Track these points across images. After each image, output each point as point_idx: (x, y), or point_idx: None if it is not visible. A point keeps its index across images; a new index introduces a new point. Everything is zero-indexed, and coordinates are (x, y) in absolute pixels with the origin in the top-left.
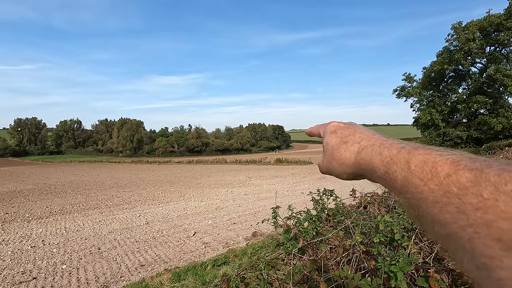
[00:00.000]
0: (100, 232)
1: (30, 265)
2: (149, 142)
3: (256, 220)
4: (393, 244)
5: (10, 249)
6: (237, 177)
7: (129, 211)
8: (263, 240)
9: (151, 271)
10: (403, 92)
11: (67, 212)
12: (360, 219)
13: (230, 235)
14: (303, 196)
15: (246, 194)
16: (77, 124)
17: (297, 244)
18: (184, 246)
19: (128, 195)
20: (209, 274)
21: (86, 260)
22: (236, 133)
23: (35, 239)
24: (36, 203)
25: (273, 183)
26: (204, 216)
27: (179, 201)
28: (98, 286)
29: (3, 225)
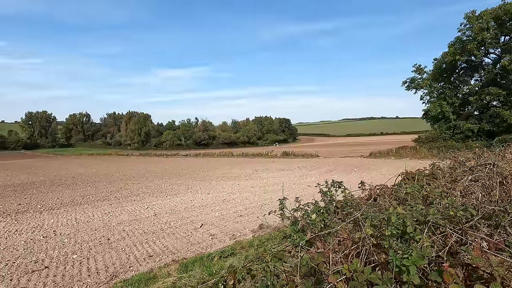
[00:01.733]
0: (110, 223)
1: (42, 255)
2: (157, 135)
3: (263, 213)
4: (404, 237)
5: (23, 239)
6: (243, 170)
7: (137, 203)
8: (269, 232)
9: (159, 262)
10: (413, 84)
11: (78, 204)
12: (369, 211)
13: (236, 227)
14: (310, 189)
15: (252, 187)
16: (86, 118)
17: (304, 236)
18: (192, 238)
19: (136, 187)
20: (216, 265)
21: (96, 250)
22: (243, 126)
23: (47, 230)
24: (47, 194)
25: (279, 176)
26: (211, 209)
27: (186, 193)
28: (107, 275)
29: (17, 215)
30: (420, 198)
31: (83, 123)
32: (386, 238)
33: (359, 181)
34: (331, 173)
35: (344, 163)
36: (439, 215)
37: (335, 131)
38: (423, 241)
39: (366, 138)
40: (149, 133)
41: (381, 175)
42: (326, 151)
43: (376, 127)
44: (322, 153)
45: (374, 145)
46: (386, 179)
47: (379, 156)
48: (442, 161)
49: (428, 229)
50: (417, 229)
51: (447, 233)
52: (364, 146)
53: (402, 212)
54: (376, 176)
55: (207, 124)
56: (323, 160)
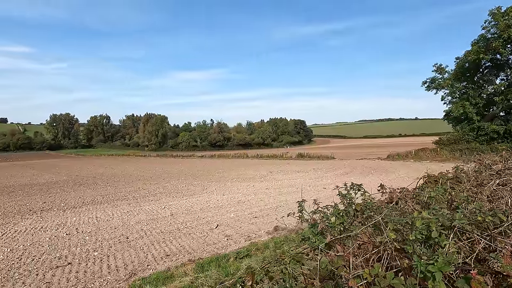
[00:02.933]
0: (128, 222)
1: (65, 251)
2: (173, 137)
3: (278, 215)
4: (429, 243)
5: (48, 235)
6: (258, 171)
7: (154, 203)
8: (285, 234)
9: (175, 261)
10: (434, 84)
11: (98, 203)
12: (391, 215)
13: (252, 228)
14: (326, 191)
15: (267, 189)
16: (106, 120)
17: (323, 239)
18: (207, 238)
19: (153, 188)
20: (232, 266)
21: (115, 248)
22: (258, 127)
23: (70, 227)
24: (70, 193)
25: (294, 178)
26: (226, 210)
27: (202, 194)
28: (126, 273)
29: (42, 213)
30: (445, 202)
31: (103, 125)
32: (410, 243)
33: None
34: (347, 176)
35: (360, 165)
36: (465, 220)
37: (351, 132)
38: (449, 247)
39: (384, 139)
40: (165, 135)
41: (399, 178)
42: (342, 153)
43: (394, 129)
44: (338, 155)
45: (392, 147)
46: (405, 182)
47: (397, 158)
48: (466, 164)
49: (454, 235)
50: (442, 234)
51: (474, 239)
52: (382, 148)
53: (428, 216)
54: (394, 179)
55: (222, 125)
56: (339, 162)
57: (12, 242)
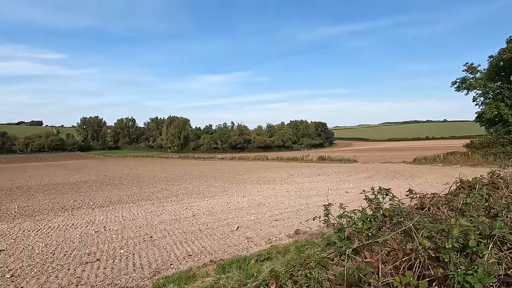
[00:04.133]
0: (152, 221)
1: (94, 248)
2: (195, 139)
3: (299, 218)
4: (466, 252)
5: (78, 232)
6: (278, 174)
7: (177, 204)
8: (306, 238)
9: (197, 261)
10: (464, 85)
11: (124, 202)
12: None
13: (272, 231)
14: (348, 195)
15: (288, 192)
16: (131, 122)
17: (351, 245)
18: (228, 240)
19: (176, 189)
20: (253, 268)
21: (140, 246)
22: (278, 130)
23: (98, 225)
24: (98, 193)
25: (315, 181)
26: (246, 212)
27: (223, 196)
28: (150, 271)
29: (72, 211)
30: (482, 209)
31: (129, 127)
32: (446, 252)
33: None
34: (371, 180)
35: (385, 169)
36: (506, 229)
37: (374, 135)
38: (489, 257)
39: (409, 142)
40: (187, 137)
41: (427, 183)
42: (365, 156)
43: (420, 131)
44: (360, 158)
45: (419, 150)
46: (434, 187)
47: (424, 162)
48: (503, 169)
49: (493, 244)
50: (481, 244)
51: None
52: (407, 151)
53: (466, 224)
54: (421, 184)
55: (242, 128)
56: (361, 166)
57: (46, 238)
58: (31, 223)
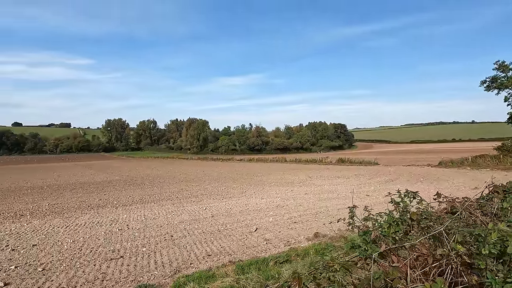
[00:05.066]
0: (172, 221)
1: (118, 245)
2: (213, 140)
3: (318, 221)
4: (503, 259)
5: (103, 230)
6: (297, 176)
7: (196, 204)
8: (326, 241)
9: (217, 261)
10: (495, 84)
11: (146, 202)
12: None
13: (291, 233)
14: (369, 199)
15: (306, 194)
16: (153, 124)
17: (377, 248)
18: (247, 241)
19: (195, 189)
20: (272, 270)
21: (161, 245)
22: (296, 132)
23: (122, 223)
24: (121, 192)
25: (335, 184)
26: (265, 213)
27: (241, 197)
28: (171, 269)
29: (98, 209)
30: None
31: (150, 129)
32: (482, 258)
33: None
34: (393, 183)
35: (408, 172)
36: None
37: (396, 137)
38: None
39: (435, 145)
40: (206, 138)
41: (454, 187)
42: (387, 159)
43: (446, 133)
44: (382, 160)
45: (445, 153)
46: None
47: (450, 165)
48: None
49: None
50: None
51: None
52: (432, 154)
53: (506, 229)
54: (448, 188)
55: (260, 129)
56: (383, 169)
57: (74, 234)
58: (60, 220)
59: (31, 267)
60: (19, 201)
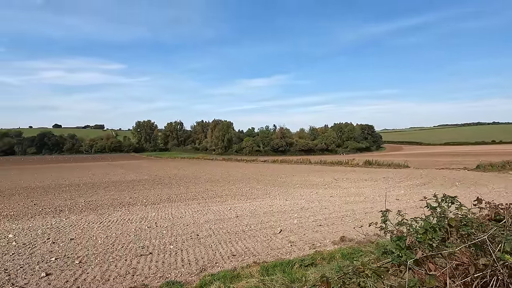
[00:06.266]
0: (198, 220)
1: (147, 242)
2: (238, 142)
3: (344, 225)
4: None
5: (133, 227)
6: (322, 178)
7: (221, 204)
8: (352, 246)
9: (241, 262)
10: None
11: (173, 201)
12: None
13: (316, 236)
14: (399, 203)
15: (332, 196)
16: (179, 126)
17: (412, 255)
18: (271, 242)
19: (220, 190)
20: (297, 272)
21: (188, 243)
22: (321, 133)
23: (150, 221)
24: (150, 191)
25: (362, 187)
26: (289, 215)
27: (265, 198)
28: (197, 267)
29: (129, 207)
30: None
31: (177, 130)
32: None
33: (464, 197)
34: (425, 187)
35: (441, 175)
36: None
37: (429, 138)
38: None
39: (472, 147)
40: (231, 140)
41: (494, 192)
42: (418, 161)
43: (485, 134)
44: (412, 163)
45: (483, 155)
46: (502, 197)
47: (489, 169)
48: None
49: None
50: None
51: None
52: (469, 157)
53: None
54: (487, 193)
55: (284, 131)
56: (414, 172)
57: (107, 230)
58: (95, 216)
59: (69, 259)
60: (58, 197)
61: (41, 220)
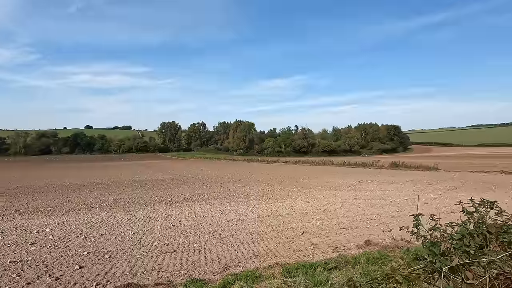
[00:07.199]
0: (220, 220)
1: (171, 240)
2: (259, 142)
3: (369, 228)
4: None
5: (159, 224)
6: (345, 180)
7: (243, 204)
8: (378, 250)
9: (263, 262)
10: None
11: (196, 200)
12: None
13: (339, 239)
14: (428, 207)
15: (356, 199)
16: (202, 126)
17: (447, 262)
18: (293, 244)
19: (242, 190)
20: (321, 275)
21: (210, 242)
22: (344, 134)
23: (175, 219)
24: (174, 190)
25: (388, 189)
26: (311, 217)
27: (287, 199)
28: (220, 266)
29: (154, 205)
30: None
31: (200, 131)
32: None
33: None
34: (456, 191)
35: (475, 179)
36: None
37: (461, 139)
38: None
39: (509, 149)
40: (252, 140)
41: None
42: (449, 164)
43: None
44: (443, 165)
45: None
46: None
47: None
48: None
49: None
50: None
51: None
52: (507, 159)
53: None
54: None
55: (306, 131)
56: (444, 174)
57: (134, 227)
58: (123, 213)
59: (100, 253)
60: (90, 195)
61: (74, 215)
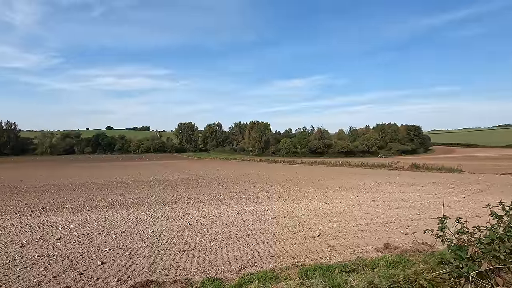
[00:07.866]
0: (237, 220)
1: (189, 238)
2: (275, 143)
3: (388, 231)
4: None
5: (176, 223)
6: (363, 181)
7: (258, 205)
8: (398, 254)
9: (279, 263)
10: None
11: (212, 200)
12: None
13: (357, 242)
14: (451, 210)
15: (374, 201)
16: (218, 127)
17: (475, 266)
18: (310, 245)
19: (257, 190)
20: (338, 278)
21: (227, 242)
22: (362, 134)
23: (192, 218)
24: (191, 190)
25: (407, 192)
26: (328, 219)
27: (303, 200)
28: (236, 266)
29: (172, 204)
30: None
31: (216, 132)
32: None
33: None
34: (482, 194)
35: (502, 182)
36: None
37: (486, 140)
38: None
39: None
40: (268, 141)
41: None
42: (473, 165)
43: None
44: (467, 167)
45: None
46: None
47: None
48: None
49: None
50: None
51: None
52: None
53: None
54: None
55: (323, 132)
56: (469, 176)
57: (152, 225)
58: (142, 211)
59: (121, 250)
60: (110, 193)
61: (96, 213)
